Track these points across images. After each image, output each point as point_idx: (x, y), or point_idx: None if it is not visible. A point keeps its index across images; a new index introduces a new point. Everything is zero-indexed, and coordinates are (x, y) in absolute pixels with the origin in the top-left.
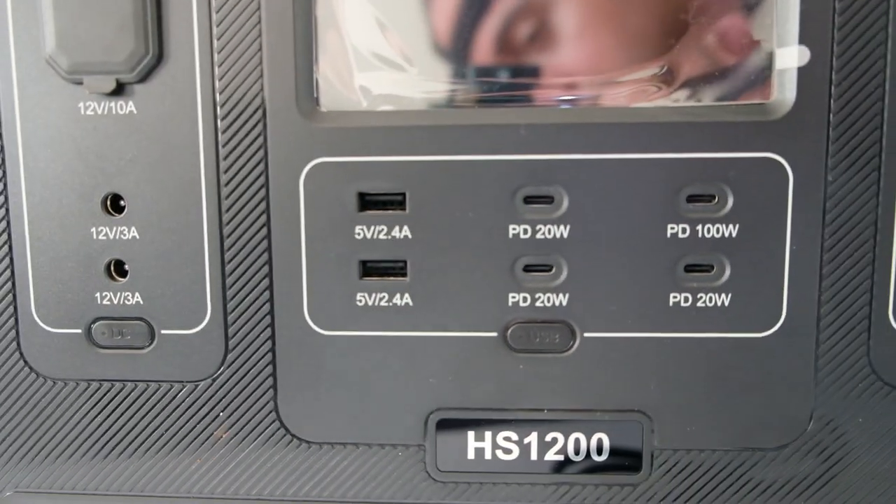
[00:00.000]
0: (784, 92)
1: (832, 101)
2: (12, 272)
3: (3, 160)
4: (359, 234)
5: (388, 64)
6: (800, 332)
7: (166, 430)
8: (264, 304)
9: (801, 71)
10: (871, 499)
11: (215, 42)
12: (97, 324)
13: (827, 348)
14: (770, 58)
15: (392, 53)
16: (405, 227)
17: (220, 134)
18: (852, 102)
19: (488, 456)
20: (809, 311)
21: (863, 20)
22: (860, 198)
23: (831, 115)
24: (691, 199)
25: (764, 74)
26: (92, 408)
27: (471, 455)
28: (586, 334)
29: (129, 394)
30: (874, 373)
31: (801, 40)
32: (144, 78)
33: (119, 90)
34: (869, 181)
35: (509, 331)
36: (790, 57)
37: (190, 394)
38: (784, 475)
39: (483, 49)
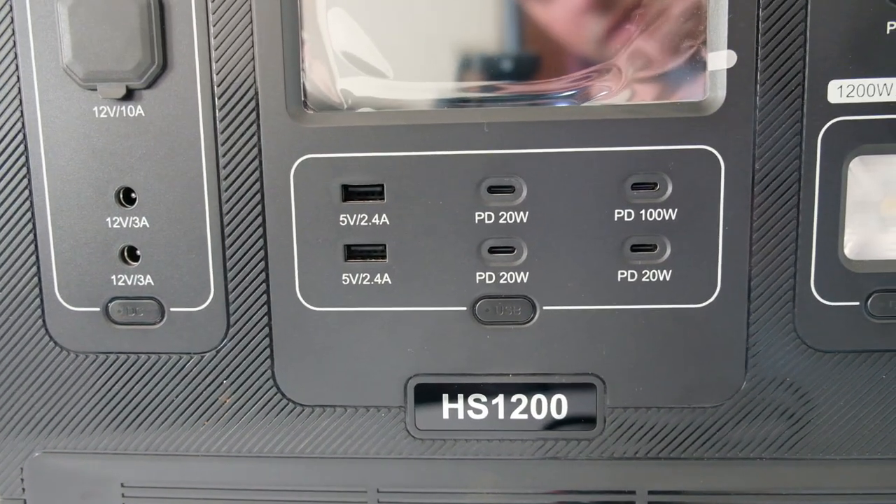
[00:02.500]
0: (716, 91)
1: (758, 98)
2: (37, 258)
3: (28, 159)
4: (343, 221)
5: (367, 70)
6: (733, 304)
7: (176, 397)
8: (261, 284)
9: (730, 72)
10: (798, 449)
11: (213, 52)
12: (113, 303)
13: (757, 317)
14: (703, 60)
15: (371, 60)
16: (384, 215)
17: (219, 133)
18: (775, 99)
19: (461, 416)
20: (741, 285)
21: (783, 27)
22: (783, 183)
23: (757, 111)
24: (635, 186)
25: (697, 75)
26: (110, 377)
27: (445, 415)
28: (545, 307)
29: (143, 364)
30: (799, 338)
31: (730, 45)
32: (151, 84)
33: (129, 95)
34: (791, 168)
35: (477, 305)
36: (720, 60)
37: (196, 364)
38: (721, 430)
39: (452, 56)
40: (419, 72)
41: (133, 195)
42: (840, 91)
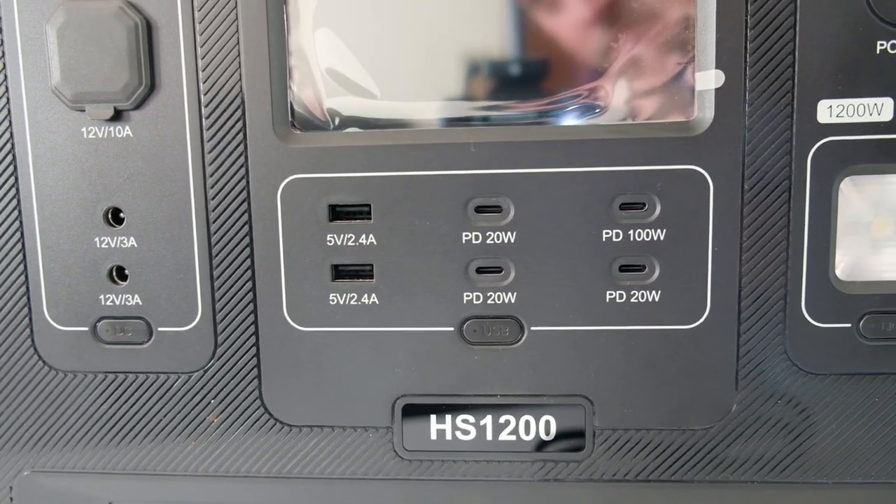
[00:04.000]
0: (704, 111)
1: (746, 118)
2: (26, 277)
3: (17, 179)
4: (330, 241)
5: (355, 89)
6: (722, 325)
7: (164, 416)
8: (248, 303)
9: (719, 92)
10: (789, 473)
11: (200, 73)
12: (101, 322)
13: (747, 339)
14: (691, 80)
15: (358, 80)
16: (371, 235)
17: (206, 154)
18: (764, 119)
19: (449, 437)
20: (731, 306)
21: (772, 46)
22: (773, 204)
23: (746, 131)
24: (624, 206)
25: (686, 95)
26: (98, 396)
27: (433, 436)
28: (533, 328)
29: (131, 384)
30: (790, 360)
31: (718, 65)
32: (139, 105)
33: (117, 116)
34: (781, 189)
35: (464, 326)
36: (708, 80)
37: (184, 384)
38: (710, 452)
39: (439, 77)
40: (406, 92)
41: (121, 215)
42: (830, 111)
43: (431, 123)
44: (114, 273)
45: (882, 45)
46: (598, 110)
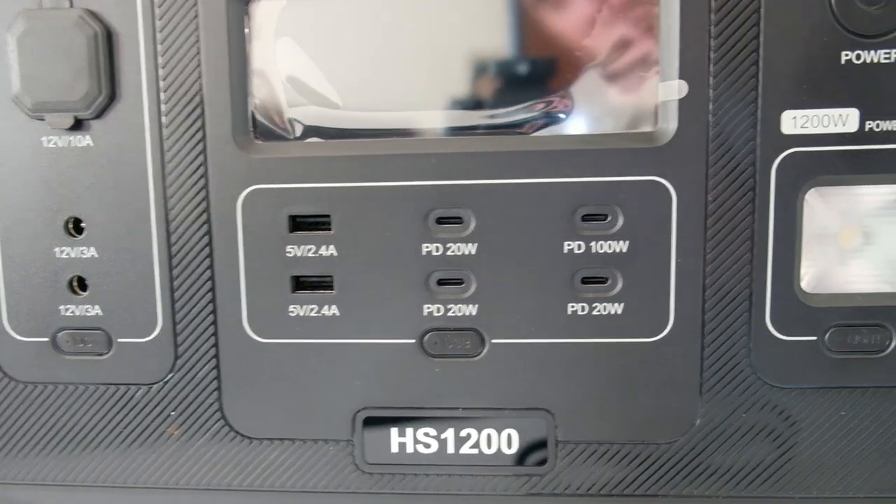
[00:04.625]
0: (667, 121)
1: (710, 129)
2: None
3: None
4: (290, 252)
5: (316, 99)
6: (686, 338)
7: (124, 428)
8: (208, 315)
9: (682, 102)
10: (755, 487)
11: (161, 83)
12: (62, 333)
13: (711, 351)
14: (655, 91)
15: (319, 89)
16: (331, 246)
17: (166, 164)
18: (728, 130)
19: (410, 450)
20: (694, 318)
21: (735, 56)
22: (737, 215)
23: (710, 143)
24: (586, 218)
25: (650, 106)
26: (58, 408)
27: (394, 449)
28: (494, 340)
29: (91, 395)
30: (755, 373)
31: (681, 75)
32: (99, 115)
33: (77, 126)
34: (745, 200)
35: (425, 338)
36: (672, 90)
37: (144, 395)
38: (674, 466)
39: (401, 87)
40: (368, 102)
41: (82, 225)
42: (794, 122)
43: (392, 134)
44: (74, 284)
45: (847, 55)
46: (560, 120)
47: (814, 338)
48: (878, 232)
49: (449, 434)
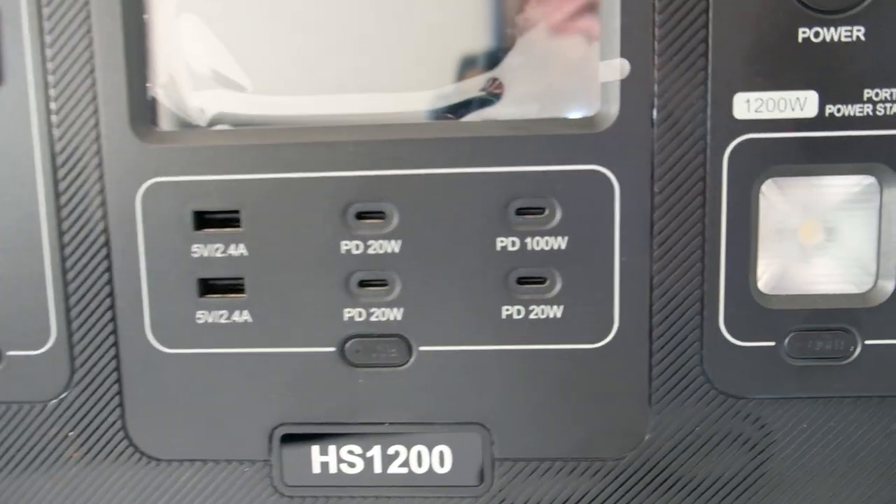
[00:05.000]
0: (608, 104)
1: (655, 112)
2: None
3: None
4: (196, 252)
5: (224, 82)
6: (633, 343)
7: (18, 450)
8: (107, 323)
9: (624, 83)
10: None
11: (48, 64)
12: None
13: (660, 358)
14: (595, 71)
15: (227, 72)
16: (241, 245)
17: (56, 156)
18: (675, 114)
19: (333, 470)
20: (641, 322)
21: (682, 32)
22: (686, 209)
23: (655, 127)
24: (520, 212)
25: (589, 88)
26: None
27: (316, 469)
28: (422, 348)
29: None
30: (708, 381)
31: (623, 53)
32: None
33: None
34: (695, 191)
35: (346, 346)
36: (612, 70)
37: (39, 413)
38: (623, 485)
39: (315, 68)
40: (280, 85)
41: None
42: (748, 105)
43: (307, 120)
44: None
45: (805, 32)
46: (491, 104)
47: (772, 343)
48: (842, 227)
49: (375, 452)
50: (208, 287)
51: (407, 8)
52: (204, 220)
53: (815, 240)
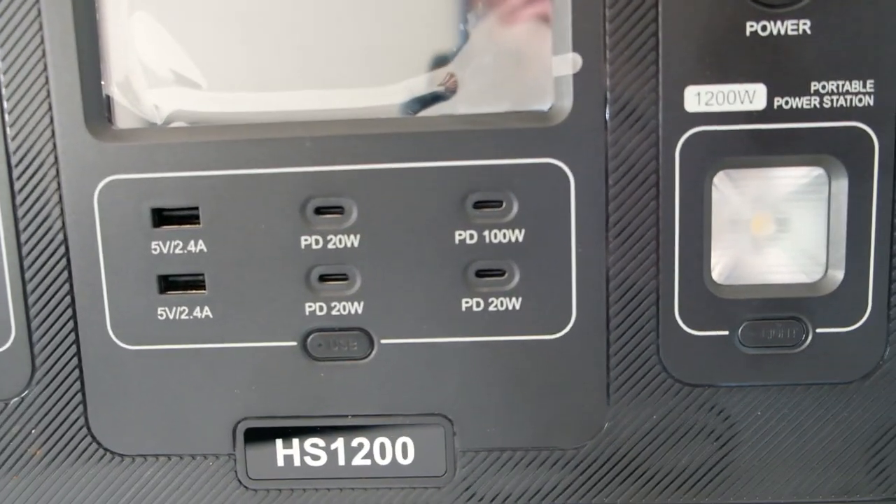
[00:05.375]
0: (562, 99)
1: (608, 106)
2: None
3: None
4: (155, 249)
5: (178, 80)
6: (590, 334)
7: None
8: (67, 321)
9: (577, 78)
10: (668, 494)
11: (0, 62)
12: None
13: (618, 348)
14: (548, 65)
15: (181, 69)
16: (200, 241)
17: (11, 154)
18: (627, 107)
19: (297, 463)
20: (598, 313)
21: (632, 27)
22: (640, 200)
23: (608, 120)
24: (478, 205)
25: (543, 82)
26: None
27: (280, 462)
28: (383, 341)
29: None
30: (665, 371)
31: (575, 48)
32: None
33: None
34: (648, 184)
35: (308, 340)
36: (565, 64)
37: (0, 412)
38: (583, 473)
39: (270, 65)
40: (235, 81)
41: None
42: (698, 98)
43: (263, 116)
44: None
45: (752, 26)
46: (447, 99)
47: (726, 332)
48: (793, 218)
49: (339, 444)
50: (168, 283)
51: (362, 5)
52: (162, 217)
53: (767, 231)
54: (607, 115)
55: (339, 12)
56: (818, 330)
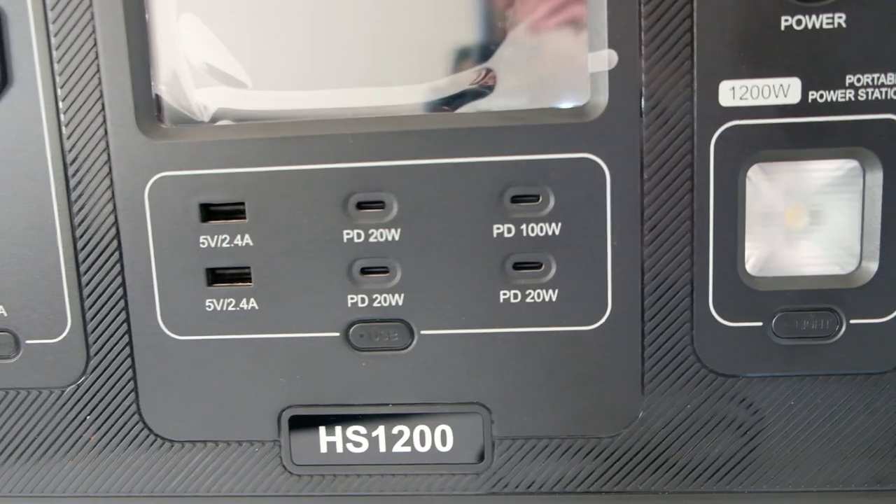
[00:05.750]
0: (598, 95)
1: (643, 101)
2: None
3: None
4: (203, 243)
5: (225, 79)
6: (625, 325)
7: (38, 435)
8: (120, 312)
9: (613, 74)
10: (701, 482)
11: (56, 65)
12: None
13: (652, 339)
14: (584, 62)
15: (227, 69)
16: (246, 236)
17: (66, 153)
18: (663, 102)
19: (340, 449)
20: (633, 304)
21: (668, 23)
22: (675, 194)
23: (643, 116)
24: (515, 199)
25: (579, 78)
26: None
27: (323, 449)
28: (423, 332)
29: (1, 402)
30: (699, 361)
31: (611, 44)
32: None
33: None
34: (683, 177)
35: (350, 331)
36: (601, 61)
37: (57, 399)
38: (617, 461)
39: (313, 64)
40: (279, 81)
41: None
42: (733, 93)
43: (307, 114)
44: None
45: (787, 20)
46: (485, 96)
47: (760, 323)
48: (826, 210)
49: (380, 432)
50: (216, 276)
51: (402, 4)
52: (210, 212)
53: (801, 223)
54: (643, 111)
55: (379, 12)
56: (851, 321)
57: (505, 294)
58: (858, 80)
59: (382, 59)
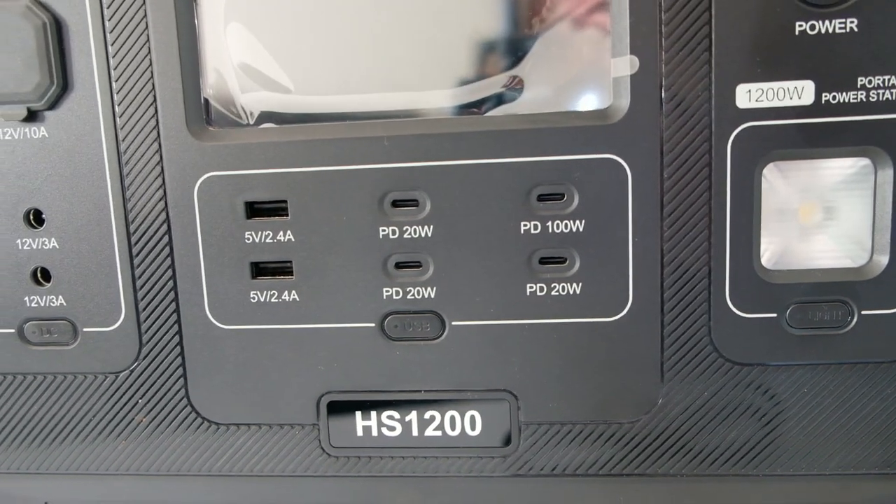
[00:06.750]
0: (620, 98)
1: (663, 104)
2: None
3: None
4: (248, 238)
5: (269, 85)
6: (646, 316)
7: (93, 417)
8: (170, 303)
9: (634, 78)
10: (717, 466)
11: (112, 71)
12: (28, 324)
13: (671, 330)
14: (607, 67)
15: (271, 74)
16: (288, 232)
17: (121, 153)
18: (682, 105)
19: (375, 433)
20: (653, 297)
21: (687, 29)
22: (693, 192)
23: (663, 118)
24: (541, 198)
25: (602, 83)
26: (28, 398)
27: (359, 432)
28: (454, 323)
29: (59, 385)
30: (716, 351)
31: (632, 50)
32: (53, 106)
33: (31, 117)
34: (701, 176)
35: (385, 321)
36: (623, 66)
37: (111, 384)
38: (637, 446)
39: (352, 70)
40: (320, 85)
41: (42, 216)
42: (749, 95)
43: (345, 117)
44: (38, 274)
45: (801, 25)
46: (513, 99)
47: (774, 315)
48: (839, 207)
49: (413, 417)
50: (260, 270)
51: (435, 15)
52: (254, 210)
53: (814, 219)
54: (663, 113)
55: (414, 22)
56: (863, 312)
57: (531, 287)
58: (870, 81)
59: (416, 65)
